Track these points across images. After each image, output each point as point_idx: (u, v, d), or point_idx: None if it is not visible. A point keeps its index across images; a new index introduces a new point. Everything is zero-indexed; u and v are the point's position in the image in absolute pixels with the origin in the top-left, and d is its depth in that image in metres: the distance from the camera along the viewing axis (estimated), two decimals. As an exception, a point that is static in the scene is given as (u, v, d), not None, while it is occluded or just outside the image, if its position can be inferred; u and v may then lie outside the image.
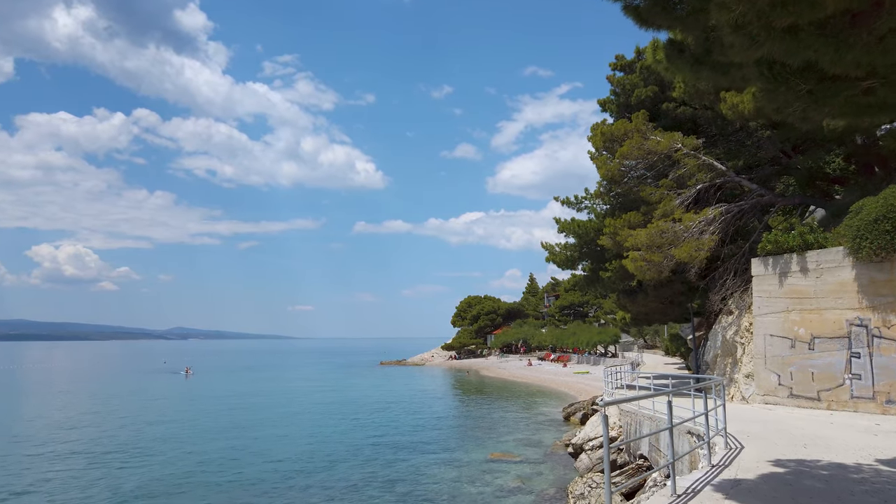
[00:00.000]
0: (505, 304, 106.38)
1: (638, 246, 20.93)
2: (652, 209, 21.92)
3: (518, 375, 64.07)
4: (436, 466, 21.23)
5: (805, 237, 16.30)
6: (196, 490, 18.47)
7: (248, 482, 19.29)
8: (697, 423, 11.44)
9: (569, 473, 19.58)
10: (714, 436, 8.74)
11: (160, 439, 27.53)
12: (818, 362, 15.38)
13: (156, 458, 23.35)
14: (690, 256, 19.63)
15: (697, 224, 20.44)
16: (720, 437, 10.01)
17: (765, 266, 17.17)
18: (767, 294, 16.99)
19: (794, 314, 16.13)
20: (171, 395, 50.93)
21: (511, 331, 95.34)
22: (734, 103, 19.22)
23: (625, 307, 28.27)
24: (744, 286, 20.82)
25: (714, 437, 10.07)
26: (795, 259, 16.26)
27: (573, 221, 26.17)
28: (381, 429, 30.30)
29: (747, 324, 19.26)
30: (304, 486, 18.73)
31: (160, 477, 20.16)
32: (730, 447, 8.98)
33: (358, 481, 19.23)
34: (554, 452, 23.34)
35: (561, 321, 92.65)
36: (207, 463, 22.27)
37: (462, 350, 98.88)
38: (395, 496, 17.40)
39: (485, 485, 18.52)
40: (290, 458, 23.09)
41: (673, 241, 20.31)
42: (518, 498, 16.87)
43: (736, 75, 5.63)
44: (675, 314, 26.98)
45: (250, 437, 28.05)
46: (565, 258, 27.19)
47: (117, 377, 75.35)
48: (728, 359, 20.58)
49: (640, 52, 25.94)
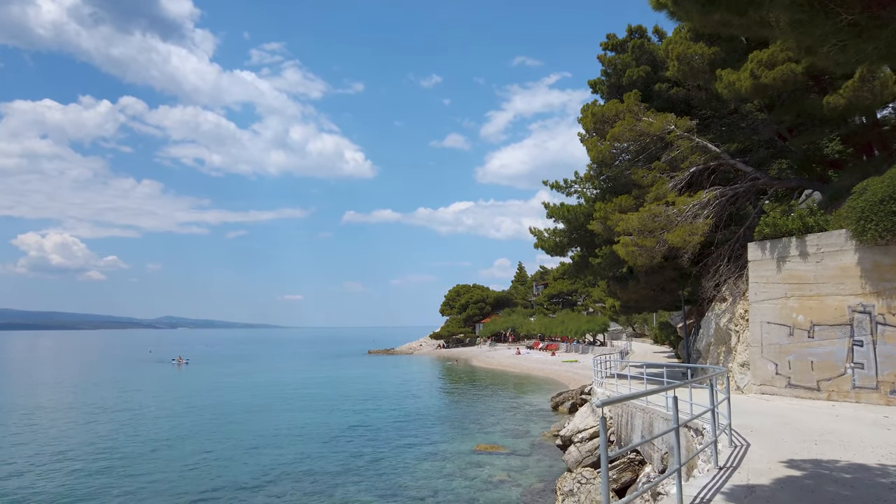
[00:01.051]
0: (494, 292, 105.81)
1: (629, 230, 20.15)
2: (644, 193, 21.12)
3: (506, 364, 63.49)
4: (420, 459, 20.46)
5: (805, 220, 15.55)
6: (179, 483, 17.59)
7: (229, 475, 18.42)
8: (701, 418, 10.68)
9: (557, 465, 18.87)
10: (719, 433, 7.96)
11: (138, 437, 26.57)
12: (818, 350, 14.67)
13: (134, 456, 22.42)
14: (684, 241, 18.87)
15: (691, 208, 19.66)
16: (724, 433, 9.24)
17: (762, 250, 16.42)
18: (764, 280, 16.25)
19: (792, 300, 15.41)
20: (162, 387, 49.46)
21: (500, 319, 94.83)
22: (730, 81, 18.42)
23: (615, 294, 27.54)
24: (738, 272, 20.13)
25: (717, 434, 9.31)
26: (794, 243, 15.51)
27: (562, 206, 25.33)
28: (366, 420, 29.50)
29: (742, 311, 18.56)
30: (283, 478, 17.87)
31: (139, 474, 19.25)
32: (734, 445, 8.20)
33: (339, 475, 18.42)
34: (542, 443, 22.63)
35: (549, 310, 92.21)
36: (186, 458, 21.36)
37: (450, 339, 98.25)
38: (378, 492, 16.60)
39: (470, 479, 17.76)
40: (272, 449, 22.23)
41: (665, 225, 19.54)
42: (504, 493, 16.11)
43: (755, 15, 4.75)
44: (666, 301, 26.28)
45: (235, 427, 27.16)
46: (554, 244, 26.35)
47: (106, 367, 73.90)
48: (721, 347, 19.89)
49: (631, 30, 25.05)
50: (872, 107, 16.73)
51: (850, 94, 16.12)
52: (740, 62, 18.59)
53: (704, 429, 9.80)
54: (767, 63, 17.16)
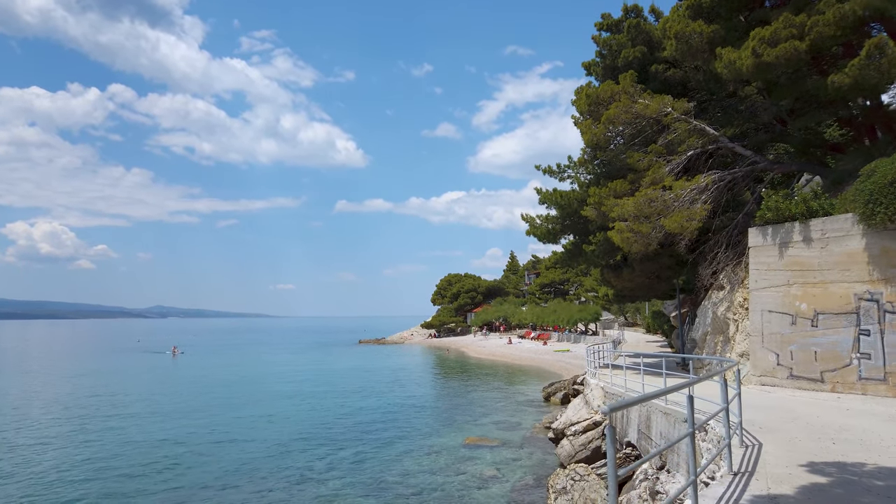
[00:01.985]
0: (485, 282, 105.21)
1: (624, 216, 19.44)
2: (640, 177, 20.40)
3: (498, 354, 62.93)
4: (407, 453, 19.75)
5: (809, 203, 14.87)
6: (166, 473, 16.80)
7: (212, 468, 17.64)
8: (705, 416, 9.99)
9: (549, 459, 18.23)
10: (732, 435, 7.26)
11: (131, 427, 25.73)
12: (822, 340, 14.03)
13: (129, 446, 21.60)
14: (681, 227, 18.17)
15: (689, 192, 18.94)
16: (735, 433, 8.54)
17: (763, 236, 15.74)
18: (766, 266, 15.58)
19: (795, 288, 14.75)
20: (155, 378, 48.13)
21: (491, 309, 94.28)
22: (731, 60, 17.65)
23: (609, 282, 26.85)
24: (736, 259, 19.49)
25: (721, 431, 8.61)
26: (798, 228, 14.84)
27: (555, 192, 24.55)
28: (353, 412, 28.79)
29: (741, 299, 17.92)
30: (265, 471, 17.12)
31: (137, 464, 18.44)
32: (745, 444, 7.49)
33: (324, 470, 17.69)
34: (534, 436, 21.99)
35: (541, 299, 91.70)
36: (182, 445, 20.56)
37: (442, 328, 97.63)
38: (362, 487, 15.89)
39: (458, 473, 17.06)
40: (258, 441, 21.48)
41: (662, 210, 18.83)
42: (494, 489, 15.43)
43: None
44: (661, 290, 25.62)
45: (226, 417, 26.36)
46: (546, 231, 25.61)
47: (99, 357, 72.58)
48: (719, 337, 19.26)
49: (627, 10, 24.23)
50: (879, 86, 15.98)
51: (856, 73, 15.37)
52: (741, 41, 17.83)
53: (709, 425, 9.11)
54: (770, 40, 16.39)
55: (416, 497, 15.04)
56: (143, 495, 15.57)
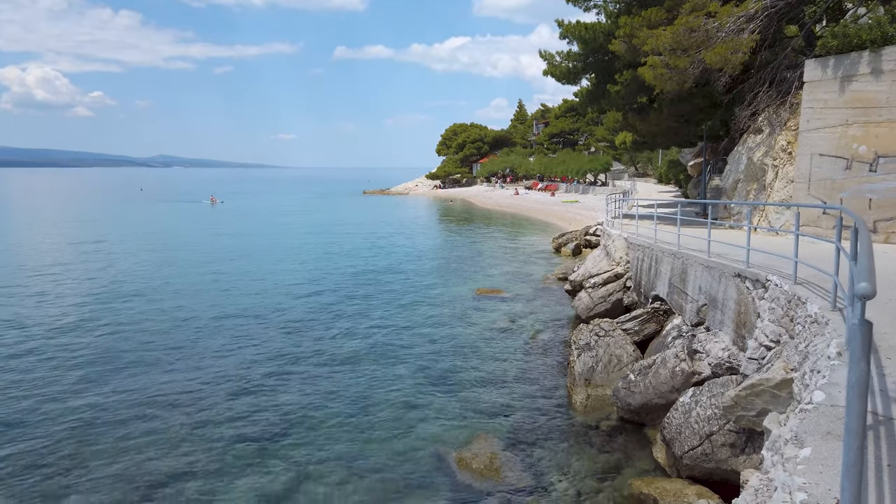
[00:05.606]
0: (492, 131, 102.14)
1: (659, 49, 17.24)
2: (678, 4, 17.88)
3: (504, 205, 62.05)
4: (417, 304, 19.16)
5: (884, 28, 12.74)
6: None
7: (225, 323, 17.11)
8: (753, 263, 8.78)
9: (564, 311, 17.60)
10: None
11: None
12: (880, 187, 12.60)
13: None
14: (724, 60, 16.07)
15: (735, 20, 16.60)
16: (806, 289, 7.33)
17: (823, 68, 13.75)
18: (822, 104, 13.76)
19: (854, 128, 13.06)
20: (208, 226, 47.83)
21: (498, 159, 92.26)
22: None
23: (633, 127, 24.94)
24: (780, 99, 17.52)
25: (787, 289, 7.41)
26: (867, 58, 12.83)
27: (578, 24, 21.91)
28: (361, 263, 28.16)
29: (784, 143, 16.24)
30: (274, 325, 16.55)
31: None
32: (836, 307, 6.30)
33: (331, 322, 17.12)
34: (547, 287, 21.36)
35: (550, 149, 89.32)
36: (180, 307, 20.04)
37: (447, 179, 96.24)
38: (370, 340, 15.31)
39: (472, 324, 16.47)
40: (262, 297, 20.94)
41: (703, 41, 16.61)
42: (509, 342, 14.82)
43: None
44: (687, 135, 23.79)
45: (232, 271, 25.84)
46: (566, 70, 23.28)
47: (142, 207, 71.06)
48: (753, 184, 17.80)
49: None
50: None
51: None
52: None
53: (769, 280, 7.94)
54: None
55: (429, 345, 14.46)
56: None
